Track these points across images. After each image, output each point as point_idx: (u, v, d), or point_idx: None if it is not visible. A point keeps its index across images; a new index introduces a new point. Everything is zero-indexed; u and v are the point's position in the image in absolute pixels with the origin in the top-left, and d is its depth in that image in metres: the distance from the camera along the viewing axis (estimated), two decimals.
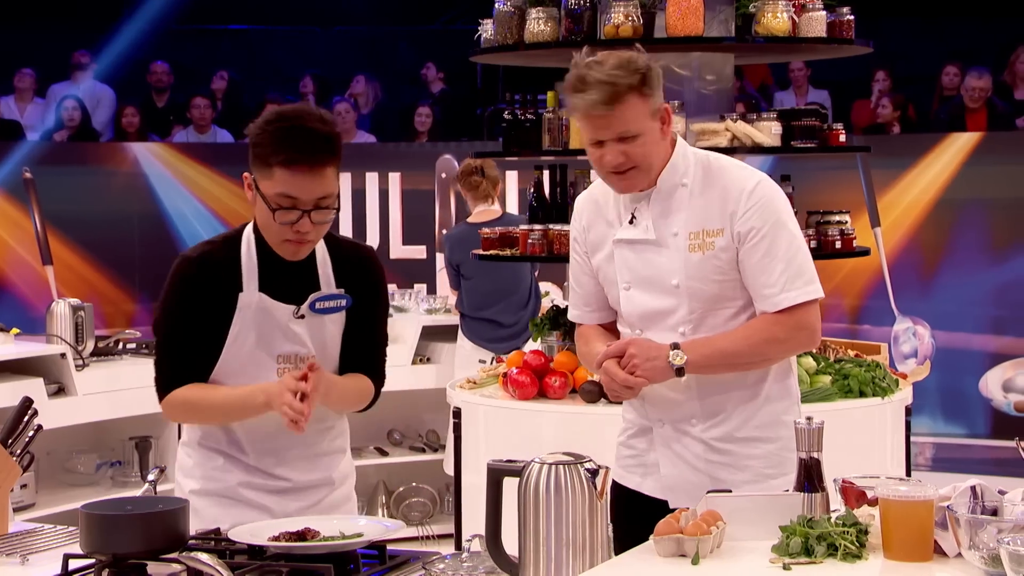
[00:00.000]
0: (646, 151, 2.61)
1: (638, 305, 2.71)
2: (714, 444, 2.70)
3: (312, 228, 2.56)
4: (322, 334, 2.67)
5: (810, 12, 4.25)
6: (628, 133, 2.59)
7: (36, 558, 2.44)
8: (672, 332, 2.67)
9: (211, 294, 2.62)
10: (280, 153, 2.50)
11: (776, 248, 2.62)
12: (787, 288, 2.63)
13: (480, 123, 9.83)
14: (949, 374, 7.10)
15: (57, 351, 4.91)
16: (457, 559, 2.28)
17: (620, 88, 2.56)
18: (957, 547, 2.10)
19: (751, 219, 2.62)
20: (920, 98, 8.93)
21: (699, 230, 2.64)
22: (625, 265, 2.71)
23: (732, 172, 2.68)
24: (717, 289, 2.65)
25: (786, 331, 2.64)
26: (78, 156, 8.42)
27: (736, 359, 2.65)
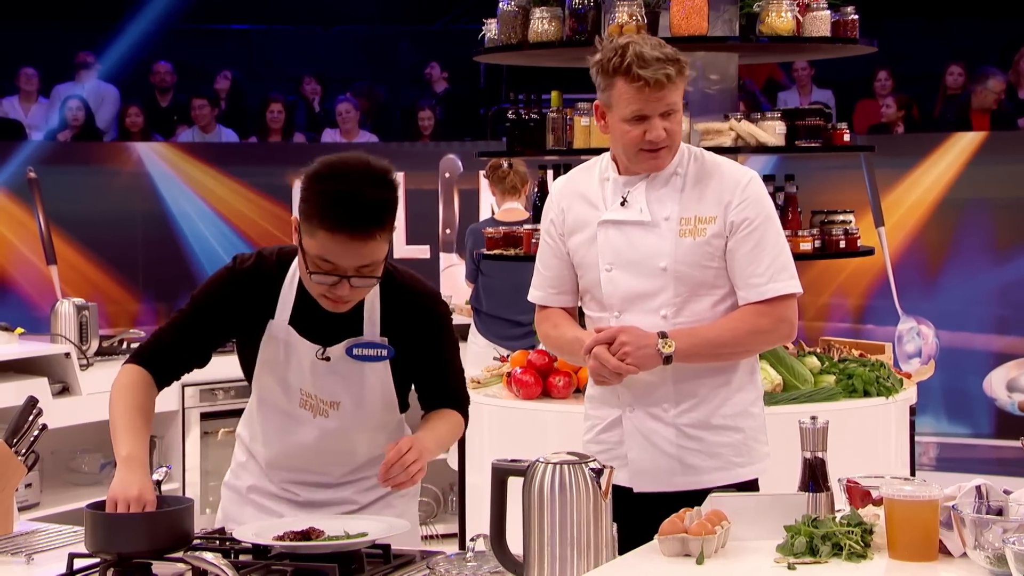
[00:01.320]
0: (678, 129, 2.73)
1: (620, 287, 2.74)
2: (686, 430, 2.74)
3: (350, 292, 2.42)
4: (359, 383, 2.53)
5: (814, 11, 4.24)
6: (674, 107, 2.69)
7: (41, 557, 2.45)
8: (654, 315, 2.72)
9: (241, 310, 2.52)
10: (325, 219, 2.34)
11: (766, 240, 2.71)
12: (774, 279, 2.71)
13: (483, 123, 9.83)
14: (953, 374, 7.09)
15: (61, 351, 4.92)
16: (461, 558, 2.28)
17: (682, 64, 2.68)
18: (962, 547, 2.10)
19: (745, 210, 2.71)
20: (924, 98, 8.92)
21: (691, 216, 2.71)
22: (610, 246, 2.75)
23: (726, 166, 2.78)
24: (703, 275, 2.71)
25: (770, 322, 2.72)
26: (82, 156, 8.43)
27: (722, 349, 2.72)
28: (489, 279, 5.76)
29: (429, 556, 2.38)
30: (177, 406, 5.22)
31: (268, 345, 2.54)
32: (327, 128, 9.30)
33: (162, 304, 8.15)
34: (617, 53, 2.67)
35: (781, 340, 2.82)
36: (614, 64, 2.67)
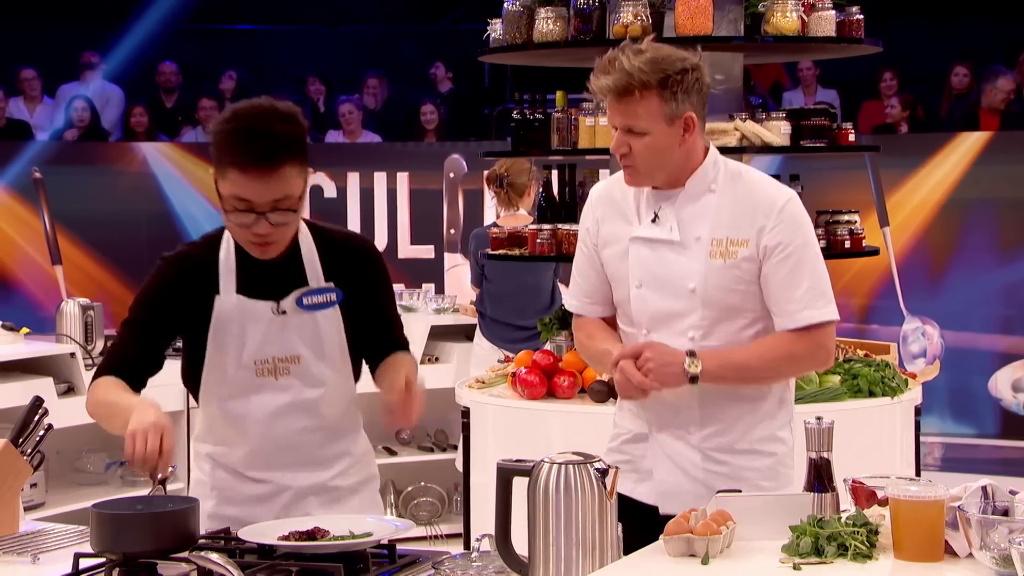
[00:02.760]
0: (650, 152, 2.58)
1: (649, 305, 2.67)
2: (712, 454, 2.67)
3: (272, 230, 2.45)
4: (316, 334, 2.56)
5: (819, 11, 4.24)
6: (635, 128, 2.56)
7: (47, 557, 2.45)
8: (682, 336, 2.64)
9: (183, 296, 2.54)
10: (232, 155, 2.42)
11: (803, 266, 2.61)
12: (810, 306, 2.61)
13: (488, 123, 9.84)
14: (958, 374, 7.08)
15: (67, 351, 4.92)
16: (467, 559, 2.28)
17: (634, 82, 2.53)
18: (968, 547, 2.09)
19: (780, 234, 2.60)
20: (928, 98, 8.91)
21: (723, 237, 2.62)
22: (640, 264, 2.67)
23: (763, 186, 2.66)
24: (733, 298, 2.63)
25: (805, 349, 2.63)
26: (87, 156, 8.44)
27: (751, 373, 2.65)
28: (492, 284, 5.75)
29: (434, 556, 2.38)
30: (182, 406, 5.22)
31: (218, 322, 2.53)
32: (331, 129, 9.31)
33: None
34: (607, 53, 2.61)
35: (816, 367, 2.75)
36: (599, 63, 2.60)
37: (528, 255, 4.39)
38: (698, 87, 2.59)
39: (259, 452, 2.61)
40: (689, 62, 2.58)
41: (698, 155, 2.65)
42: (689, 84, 2.57)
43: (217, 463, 2.65)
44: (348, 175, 8.03)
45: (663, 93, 2.54)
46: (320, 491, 2.64)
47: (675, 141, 2.59)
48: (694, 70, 2.58)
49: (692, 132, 2.59)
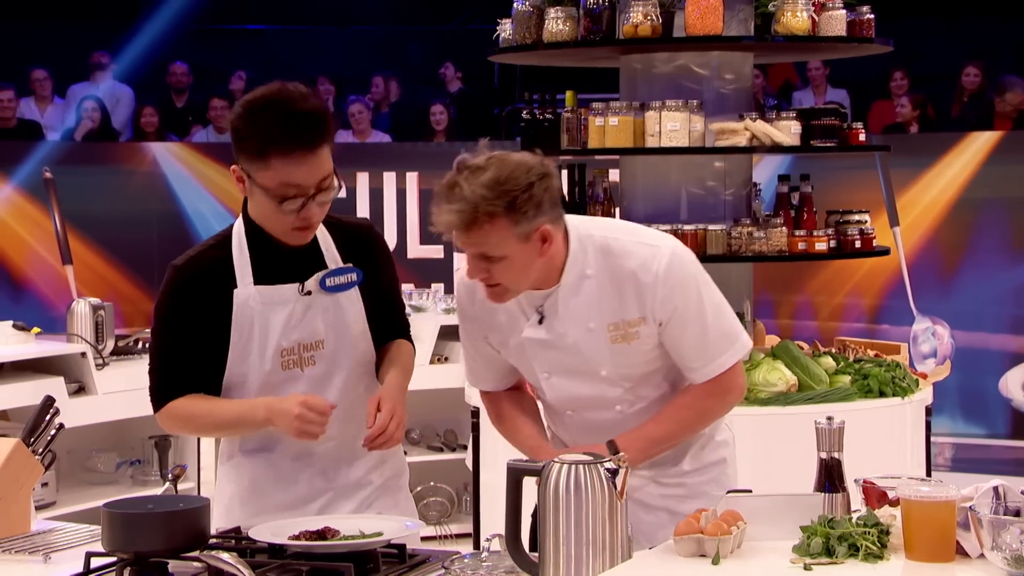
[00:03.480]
0: (511, 273, 2.44)
1: (565, 391, 2.59)
2: (665, 482, 2.66)
3: (318, 211, 2.47)
4: (340, 317, 2.55)
5: (830, 11, 4.23)
6: (489, 255, 2.42)
7: (58, 556, 2.45)
8: (609, 411, 2.59)
9: (205, 298, 2.52)
10: (275, 142, 2.38)
11: (701, 321, 2.53)
12: (715, 357, 2.55)
13: (497, 123, 9.84)
14: (968, 374, 7.06)
15: (77, 350, 4.93)
16: (477, 558, 2.28)
17: (479, 213, 2.37)
18: (979, 548, 2.09)
19: (670, 303, 2.51)
20: (939, 97, 8.89)
21: (618, 321, 2.52)
22: (543, 358, 2.57)
23: (637, 254, 2.51)
24: (646, 368, 2.58)
25: (718, 400, 2.61)
26: (98, 156, 8.46)
27: (673, 441, 2.61)
28: None
29: (444, 556, 2.38)
30: None
31: (240, 318, 2.52)
32: (340, 129, 9.33)
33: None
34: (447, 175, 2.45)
35: (732, 407, 2.67)
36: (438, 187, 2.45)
37: None
38: (549, 195, 2.42)
39: (294, 446, 2.58)
40: (535, 172, 2.41)
41: (561, 251, 2.50)
42: (539, 197, 2.40)
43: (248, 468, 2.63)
44: (358, 175, 8.03)
45: (512, 216, 2.38)
46: (355, 490, 2.63)
47: (534, 255, 2.44)
48: (542, 179, 2.41)
49: (550, 243, 2.45)
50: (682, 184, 4.36)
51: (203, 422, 2.60)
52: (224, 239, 2.58)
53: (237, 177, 2.50)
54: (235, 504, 2.65)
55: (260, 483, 2.63)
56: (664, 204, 4.32)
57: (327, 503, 2.62)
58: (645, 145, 4.20)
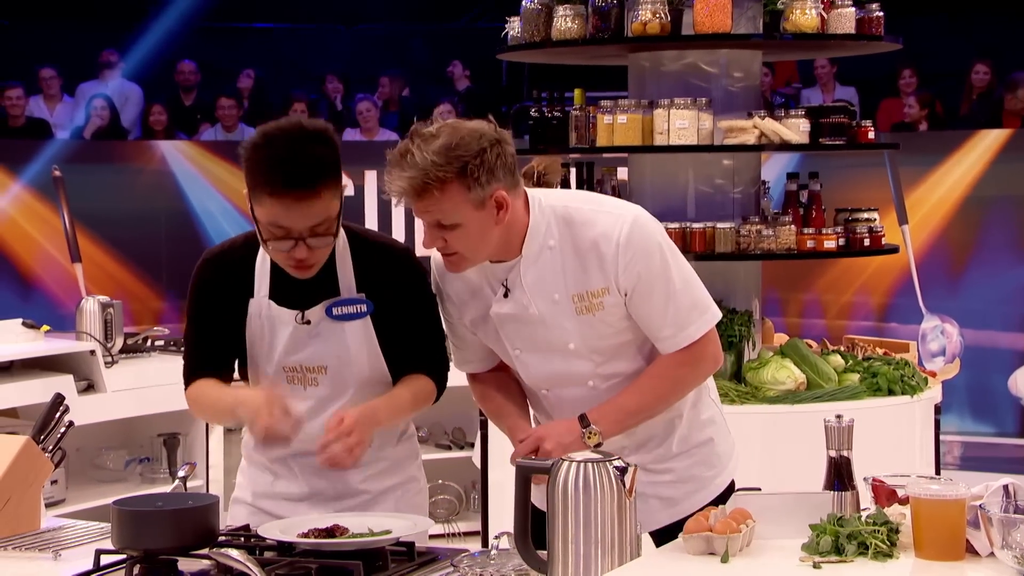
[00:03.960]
0: (467, 240, 2.42)
1: (537, 369, 2.57)
2: (652, 466, 2.60)
3: (310, 254, 2.44)
4: (342, 344, 2.53)
5: (839, 8, 4.22)
6: (444, 222, 2.40)
7: (68, 553, 2.46)
8: (581, 387, 2.56)
9: (225, 296, 2.57)
10: (268, 184, 2.37)
11: (668, 290, 2.48)
12: (685, 325, 2.51)
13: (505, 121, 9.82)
14: (977, 372, 7.05)
15: (87, 348, 4.94)
16: (486, 556, 2.28)
17: (430, 179, 2.35)
18: (989, 546, 2.09)
19: (634, 270, 2.46)
20: (948, 95, 8.87)
21: (582, 291, 2.48)
22: (513, 334, 2.54)
23: (598, 223, 2.48)
24: (617, 339, 2.54)
25: (690, 370, 2.56)
26: (106, 154, 8.48)
27: (649, 412, 2.56)
28: None
29: (453, 554, 2.38)
30: None
31: (252, 325, 2.57)
32: (348, 127, 9.33)
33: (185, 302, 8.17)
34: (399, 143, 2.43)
35: (707, 376, 2.64)
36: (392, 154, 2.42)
37: None
38: (502, 161, 2.41)
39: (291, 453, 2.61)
40: (487, 138, 2.41)
41: (522, 220, 2.48)
42: (491, 163, 2.39)
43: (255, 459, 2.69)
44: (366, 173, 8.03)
45: (465, 181, 2.37)
46: (345, 495, 2.63)
47: (490, 222, 2.42)
48: (494, 145, 2.41)
49: (506, 210, 2.43)
50: (691, 182, 4.36)
51: (205, 408, 2.65)
52: (254, 241, 2.54)
53: (248, 199, 2.48)
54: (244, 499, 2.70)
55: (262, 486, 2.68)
56: (672, 202, 4.32)
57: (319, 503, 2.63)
58: (653, 143, 4.20)
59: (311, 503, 2.63)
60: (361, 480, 2.64)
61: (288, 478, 2.65)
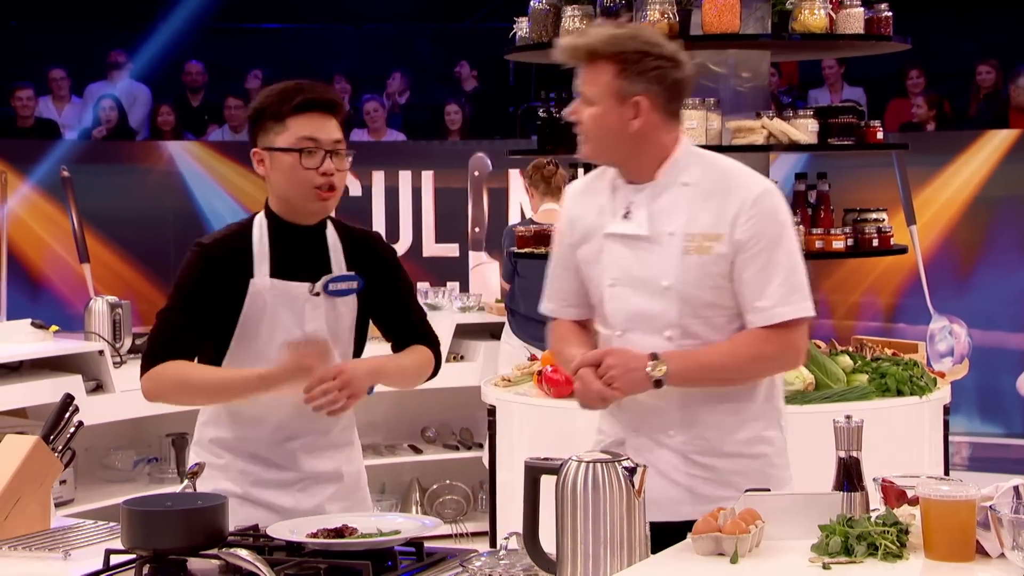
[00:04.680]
0: (594, 124, 2.54)
1: (624, 305, 2.57)
2: (694, 457, 2.56)
3: (335, 173, 2.63)
4: (335, 319, 2.67)
5: (847, 8, 4.21)
6: (586, 95, 2.55)
7: (78, 553, 2.46)
8: (658, 335, 2.54)
9: (221, 281, 2.62)
10: (295, 105, 2.60)
11: (775, 260, 2.50)
12: (782, 303, 2.50)
13: (513, 121, 9.83)
14: (986, 373, 7.04)
15: (95, 348, 4.95)
16: (494, 557, 2.28)
17: (588, 50, 2.53)
18: (1000, 547, 2.08)
19: (753, 227, 2.50)
20: (956, 95, 8.86)
21: (697, 232, 2.51)
22: (613, 261, 2.58)
23: (738, 177, 2.56)
24: (710, 295, 2.53)
25: (775, 348, 2.53)
26: (114, 155, 8.50)
27: (720, 374, 2.54)
28: (525, 280, 5.74)
29: (462, 554, 2.38)
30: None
31: (252, 305, 2.62)
32: (356, 127, 9.34)
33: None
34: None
35: (787, 367, 2.64)
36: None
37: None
38: (659, 77, 2.50)
39: (282, 432, 2.67)
40: (657, 51, 2.51)
41: (665, 146, 2.55)
42: (646, 69, 2.49)
43: (235, 447, 2.70)
44: (373, 173, 8.05)
45: (615, 68, 2.50)
46: (334, 479, 2.71)
47: (622, 122, 2.51)
48: (660, 58, 2.50)
49: (640, 118, 2.50)
50: None
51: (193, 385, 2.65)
52: (245, 228, 2.69)
53: (258, 160, 2.66)
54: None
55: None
56: None
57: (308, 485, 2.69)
58: None
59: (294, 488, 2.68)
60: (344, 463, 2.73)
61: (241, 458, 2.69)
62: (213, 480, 2.68)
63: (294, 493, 2.68)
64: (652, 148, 2.55)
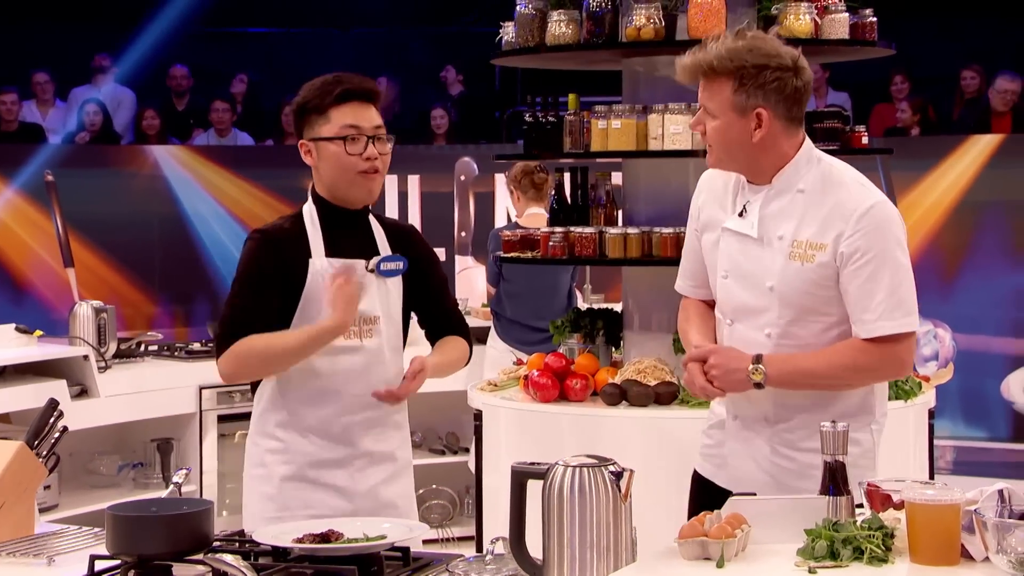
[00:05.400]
0: (718, 136, 2.66)
1: (733, 297, 2.73)
2: (779, 449, 2.71)
3: (379, 157, 2.78)
4: (387, 299, 2.82)
5: (833, 14, 4.22)
6: (707, 109, 2.66)
7: (62, 559, 2.45)
8: (759, 332, 2.68)
9: (283, 263, 2.75)
10: (337, 96, 2.78)
11: (880, 275, 2.60)
12: (883, 317, 2.60)
13: (499, 125, 9.84)
14: (970, 377, 7.06)
15: (80, 353, 4.94)
16: (481, 561, 2.28)
17: (707, 66, 2.63)
18: (984, 551, 2.09)
19: (857, 241, 2.59)
20: (940, 100, 8.89)
21: (804, 240, 2.63)
22: (728, 254, 2.72)
23: (849, 189, 2.65)
24: (809, 301, 2.64)
25: (872, 361, 2.63)
26: (99, 159, 8.47)
27: (816, 380, 2.66)
28: (511, 284, 5.75)
29: (448, 558, 2.38)
30: (194, 408, 5.23)
31: (311, 285, 2.75)
32: None
33: (179, 307, 8.17)
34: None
35: (887, 377, 2.77)
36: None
37: (541, 258, 4.39)
38: (778, 88, 2.60)
39: (342, 411, 2.78)
40: (776, 62, 2.61)
41: (785, 152, 2.66)
42: (765, 81, 2.60)
43: (295, 425, 2.78)
44: None
45: (734, 83, 2.61)
46: (388, 459, 2.84)
47: (745, 133, 2.63)
48: (779, 69, 2.60)
49: (763, 128, 2.62)
50: (684, 187, 4.35)
51: (274, 351, 2.73)
52: (296, 218, 2.84)
53: (305, 151, 2.82)
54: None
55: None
56: (667, 207, 4.32)
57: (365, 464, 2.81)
58: (648, 148, 4.20)
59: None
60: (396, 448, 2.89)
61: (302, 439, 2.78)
62: (270, 466, 2.78)
63: (352, 473, 2.79)
64: (773, 155, 2.66)
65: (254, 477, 2.84)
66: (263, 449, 2.82)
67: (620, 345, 4.44)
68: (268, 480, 2.80)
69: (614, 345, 4.45)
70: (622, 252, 4.17)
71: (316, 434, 2.78)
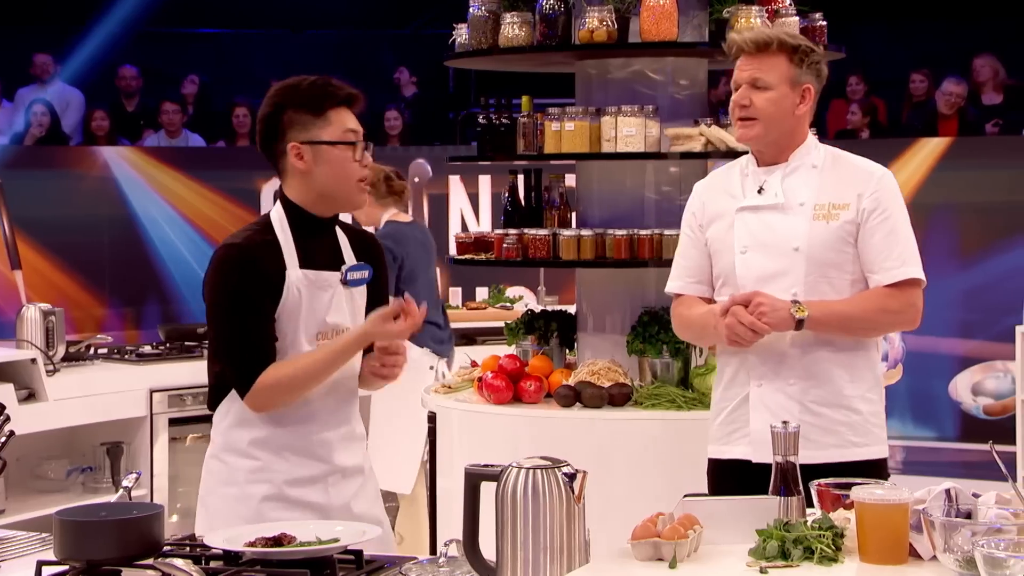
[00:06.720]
0: (770, 109, 2.92)
1: (754, 269, 2.94)
2: (810, 405, 2.90)
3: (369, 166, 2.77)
4: (353, 307, 2.79)
5: (783, 17, 4.25)
6: (760, 82, 2.92)
7: (8, 565, 2.42)
8: (785, 293, 2.88)
9: (265, 278, 2.66)
10: (331, 100, 2.71)
11: (898, 229, 2.92)
12: (907, 264, 2.90)
13: (452, 127, 9.83)
14: (918, 377, 7.15)
15: (27, 356, 4.87)
16: (434, 563, 2.28)
17: (771, 40, 2.94)
18: (932, 550, 2.11)
19: (879, 196, 2.91)
20: (890, 103, 8.99)
21: (826, 203, 2.92)
22: (746, 230, 2.95)
23: (856, 161, 3.01)
24: (835, 257, 2.90)
25: (899, 304, 2.91)
26: (47, 160, 8.36)
27: (851, 323, 2.90)
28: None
29: (401, 561, 2.37)
30: (145, 412, 5.18)
31: (288, 298, 2.68)
32: None
33: (129, 309, 8.08)
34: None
35: (906, 325, 2.98)
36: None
37: (494, 259, 4.39)
38: (818, 71, 2.98)
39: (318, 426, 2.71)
40: (815, 48, 2.99)
41: (805, 132, 3.00)
42: (813, 62, 2.96)
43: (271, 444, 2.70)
44: None
45: (793, 57, 2.94)
46: (358, 473, 2.79)
47: (791, 106, 2.94)
48: (818, 55, 2.98)
49: (806, 103, 2.96)
50: (638, 189, 4.38)
51: (303, 376, 2.66)
52: (265, 225, 2.73)
53: (296, 153, 2.69)
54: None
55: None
56: (621, 209, 4.33)
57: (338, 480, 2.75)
58: (601, 150, 4.21)
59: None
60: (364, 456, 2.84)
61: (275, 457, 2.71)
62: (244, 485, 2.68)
63: (326, 489, 2.72)
64: (800, 132, 2.99)
65: (224, 496, 2.71)
66: (234, 468, 2.69)
67: (574, 347, 4.45)
68: (244, 501, 2.68)
69: (568, 347, 4.45)
70: (576, 254, 4.18)
71: (291, 451, 2.69)
